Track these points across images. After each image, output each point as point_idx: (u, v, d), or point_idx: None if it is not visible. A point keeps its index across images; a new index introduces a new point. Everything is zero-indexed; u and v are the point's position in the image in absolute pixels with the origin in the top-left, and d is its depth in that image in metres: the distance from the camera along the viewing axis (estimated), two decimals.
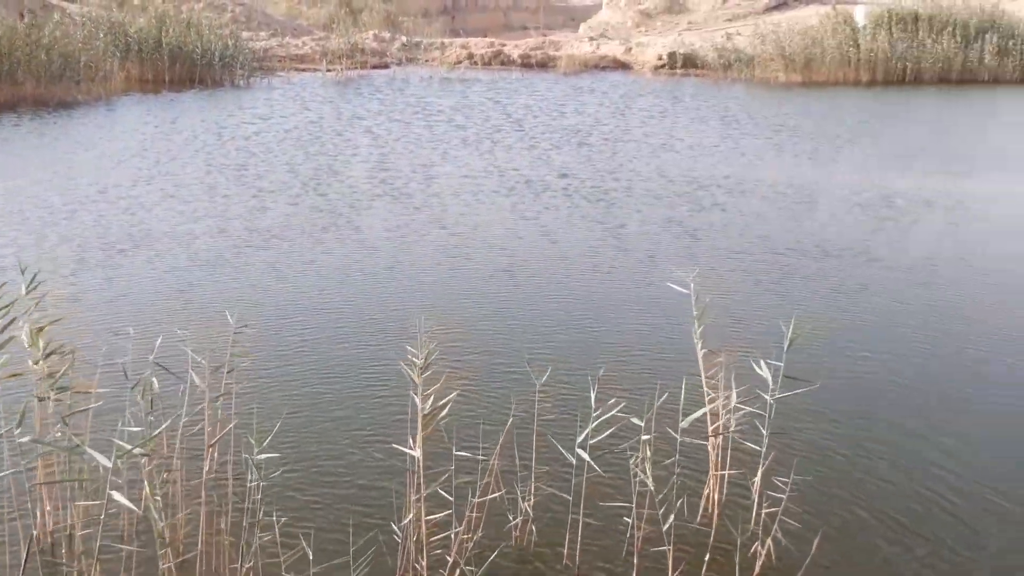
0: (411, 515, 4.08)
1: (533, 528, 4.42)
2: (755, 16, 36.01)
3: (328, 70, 24.94)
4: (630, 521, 4.21)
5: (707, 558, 4.13)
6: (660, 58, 28.82)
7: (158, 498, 3.66)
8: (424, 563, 3.91)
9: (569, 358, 6.45)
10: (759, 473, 4.33)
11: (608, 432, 4.19)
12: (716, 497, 4.61)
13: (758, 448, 4.31)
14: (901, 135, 17.57)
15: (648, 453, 3.91)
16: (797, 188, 12.33)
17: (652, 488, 3.96)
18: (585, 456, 4.03)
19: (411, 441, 3.91)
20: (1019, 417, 5.72)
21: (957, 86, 26.36)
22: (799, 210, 11.13)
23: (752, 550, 4.18)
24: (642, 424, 4.02)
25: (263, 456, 3.90)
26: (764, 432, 4.25)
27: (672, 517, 4.03)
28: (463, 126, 16.91)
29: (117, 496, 3.34)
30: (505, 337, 6.93)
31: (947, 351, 6.78)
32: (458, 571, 4.00)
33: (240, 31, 26.17)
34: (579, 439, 4.06)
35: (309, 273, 8.42)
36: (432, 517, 4.03)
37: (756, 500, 4.37)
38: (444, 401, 3.94)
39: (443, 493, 4.19)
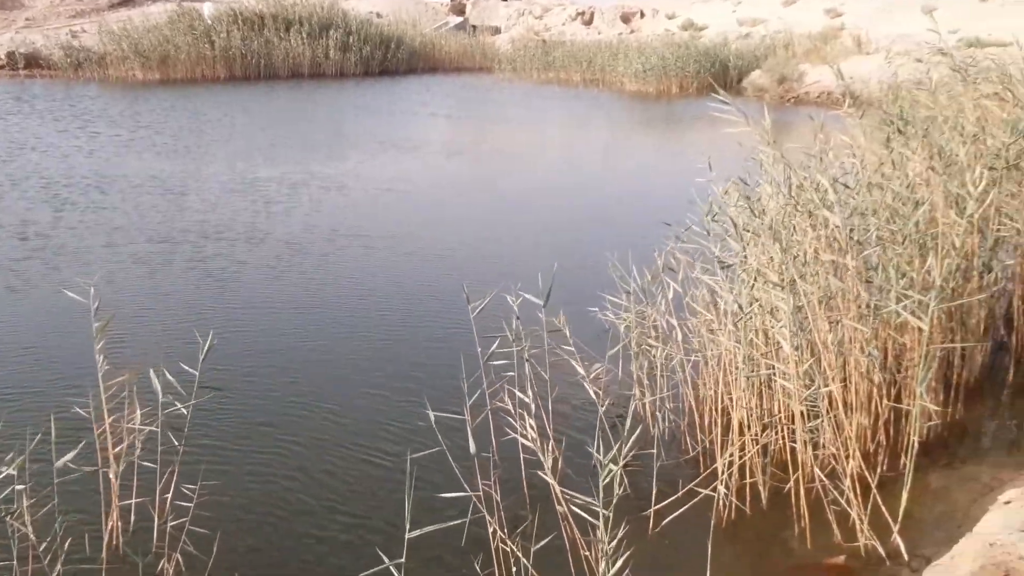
0: None
1: None
2: (100, 13, 34.12)
3: None
4: None
5: None
6: None
7: None
8: None
9: None
10: (169, 489, 3.99)
11: None
12: (120, 526, 4.15)
13: (168, 465, 3.98)
14: (263, 127, 18.05)
15: (24, 502, 3.34)
16: (166, 182, 11.94)
17: (34, 539, 3.40)
18: None
19: None
20: (412, 376, 6.10)
21: (309, 80, 27.99)
22: (176, 202, 10.78)
23: (159, 569, 3.84)
24: (14, 472, 3.40)
25: None
26: (168, 445, 3.92)
27: (59, 564, 3.52)
28: None
29: None
30: None
31: (335, 318, 7.03)
32: None
33: None
34: None
35: None
36: None
37: (160, 518, 4.02)
38: None
39: None
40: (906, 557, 3.80)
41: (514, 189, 12.86)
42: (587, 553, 3.21)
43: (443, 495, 3.41)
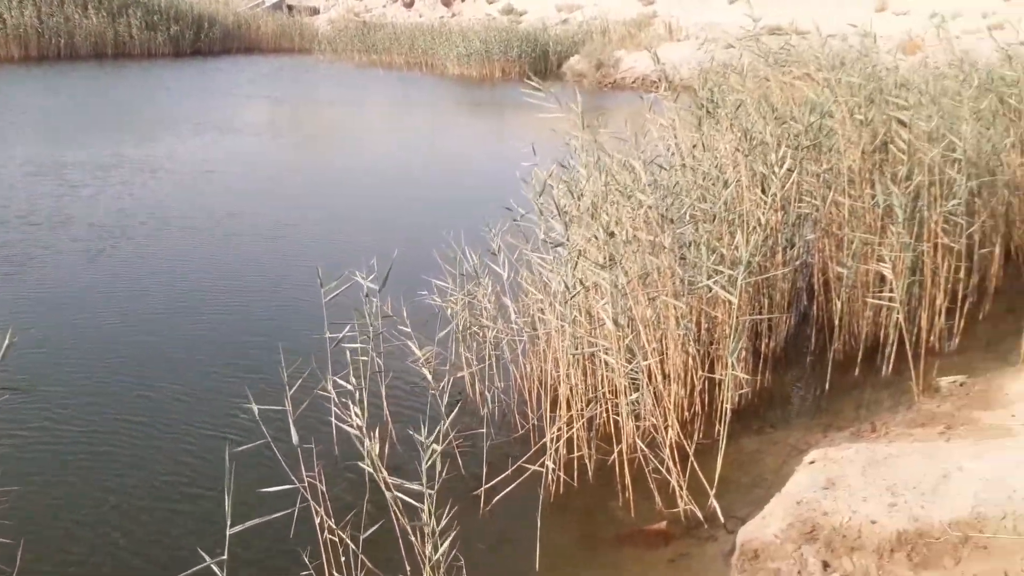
0: None
1: None
2: None
3: None
4: None
5: None
6: None
7: None
8: None
9: None
10: None
11: None
12: None
13: None
14: (64, 109, 16.97)
15: None
16: None
17: None
18: None
19: None
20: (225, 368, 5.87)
21: (114, 60, 26.48)
22: None
23: None
24: None
25: None
26: None
27: None
28: None
29: None
30: None
31: (154, 306, 6.66)
32: None
33: None
34: None
35: None
36: None
37: None
38: None
39: None
40: (722, 519, 3.99)
41: (341, 172, 12.63)
42: (415, 538, 3.20)
43: (269, 488, 3.30)
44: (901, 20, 21.16)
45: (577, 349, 4.53)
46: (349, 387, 3.46)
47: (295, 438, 3.18)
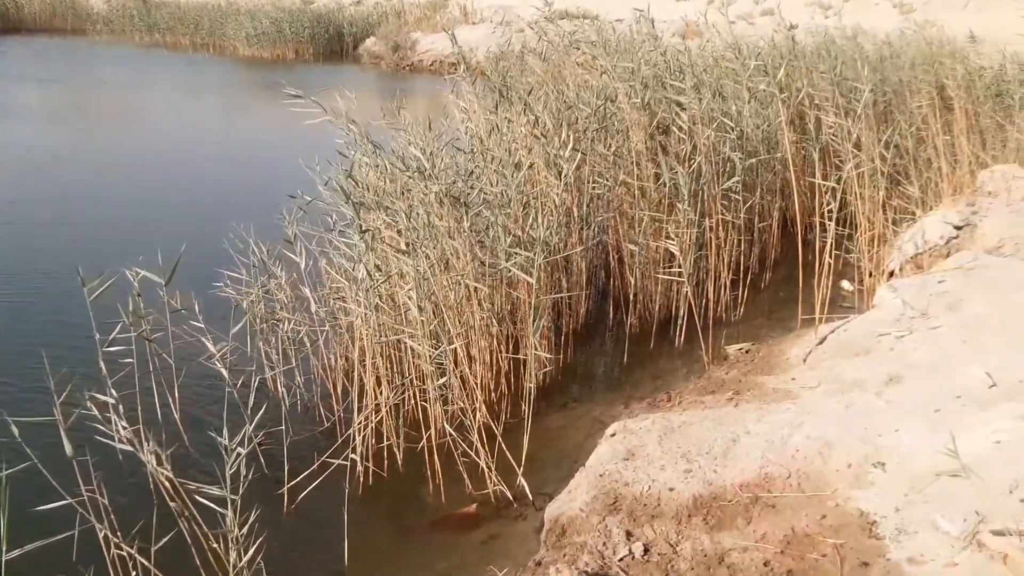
0: None
1: None
2: None
3: None
4: None
5: None
6: None
7: None
8: None
9: None
10: None
11: None
12: None
13: None
14: None
15: None
16: None
17: None
18: None
19: None
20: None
21: None
22: None
23: None
24: None
25: None
26: None
27: None
28: None
29: None
30: None
31: None
32: None
33: None
34: None
35: None
36: None
37: None
38: None
39: None
40: (531, 497, 4.05)
41: (125, 160, 11.81)
42: (216, 544, 3.04)
43: (44, 507, 3.01)
44: (681, 6, 22.16)
45: (382, 337, 4.46)
46: (108, 400, 3.21)
47: (69, 450, 2.94)
